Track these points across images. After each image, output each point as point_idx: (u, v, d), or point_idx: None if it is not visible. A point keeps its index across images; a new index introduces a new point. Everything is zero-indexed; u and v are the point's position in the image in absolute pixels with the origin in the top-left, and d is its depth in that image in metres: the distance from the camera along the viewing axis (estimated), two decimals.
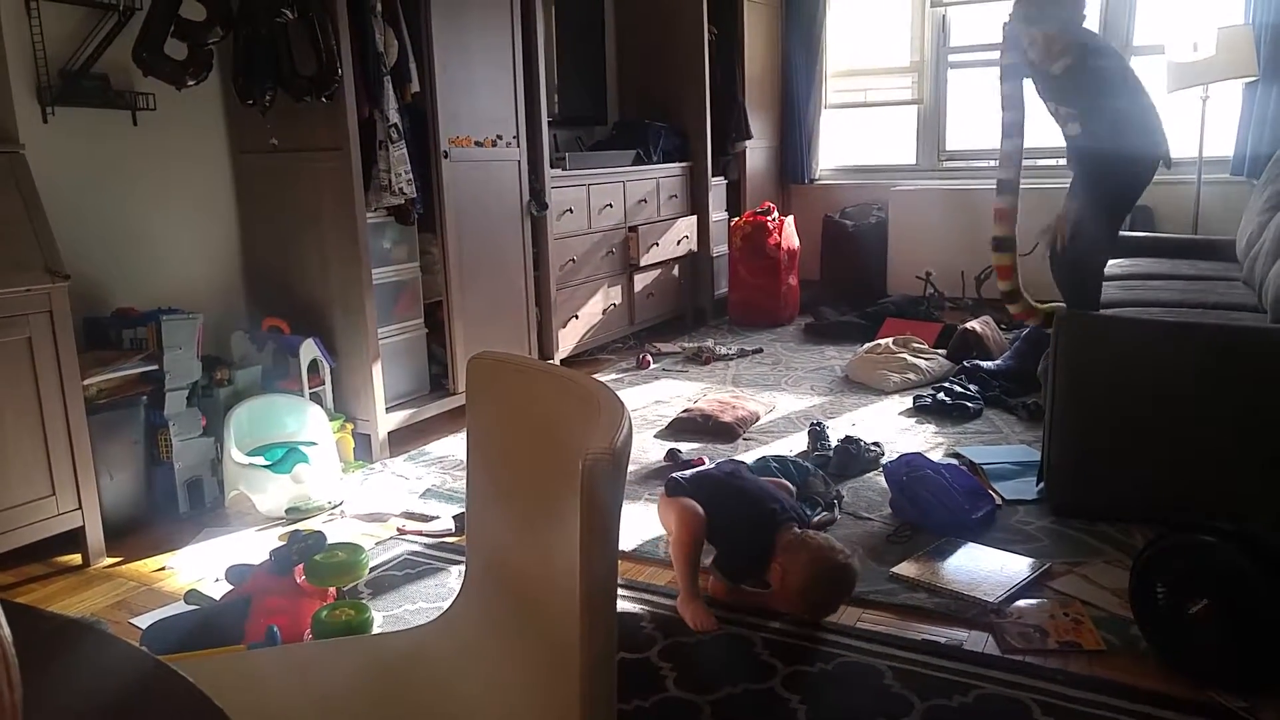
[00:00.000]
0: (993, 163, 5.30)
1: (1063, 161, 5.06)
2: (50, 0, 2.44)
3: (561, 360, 3.94)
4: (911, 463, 2.40)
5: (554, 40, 4.18)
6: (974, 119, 5.36)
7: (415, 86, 3.06)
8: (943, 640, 1.81)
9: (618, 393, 0.92)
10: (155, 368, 2.46)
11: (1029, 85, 2.76)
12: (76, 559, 2.26)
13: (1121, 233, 4.17)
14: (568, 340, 4.02)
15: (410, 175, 2.99)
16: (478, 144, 3.32)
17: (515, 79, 3.48)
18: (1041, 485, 2.44)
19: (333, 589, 1.97)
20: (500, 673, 1.01)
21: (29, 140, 2.21)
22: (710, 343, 4.37)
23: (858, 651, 1.77)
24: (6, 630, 0.45)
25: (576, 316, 4.08)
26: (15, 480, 2.09)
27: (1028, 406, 3.17)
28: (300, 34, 2.68)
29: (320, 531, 2.10)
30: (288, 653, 1.29)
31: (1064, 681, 1.65)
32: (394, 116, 2.93)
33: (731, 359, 4.18)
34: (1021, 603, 1.92)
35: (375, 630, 1.87)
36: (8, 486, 2.08)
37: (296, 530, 2.26)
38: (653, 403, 3.53)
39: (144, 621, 1.94)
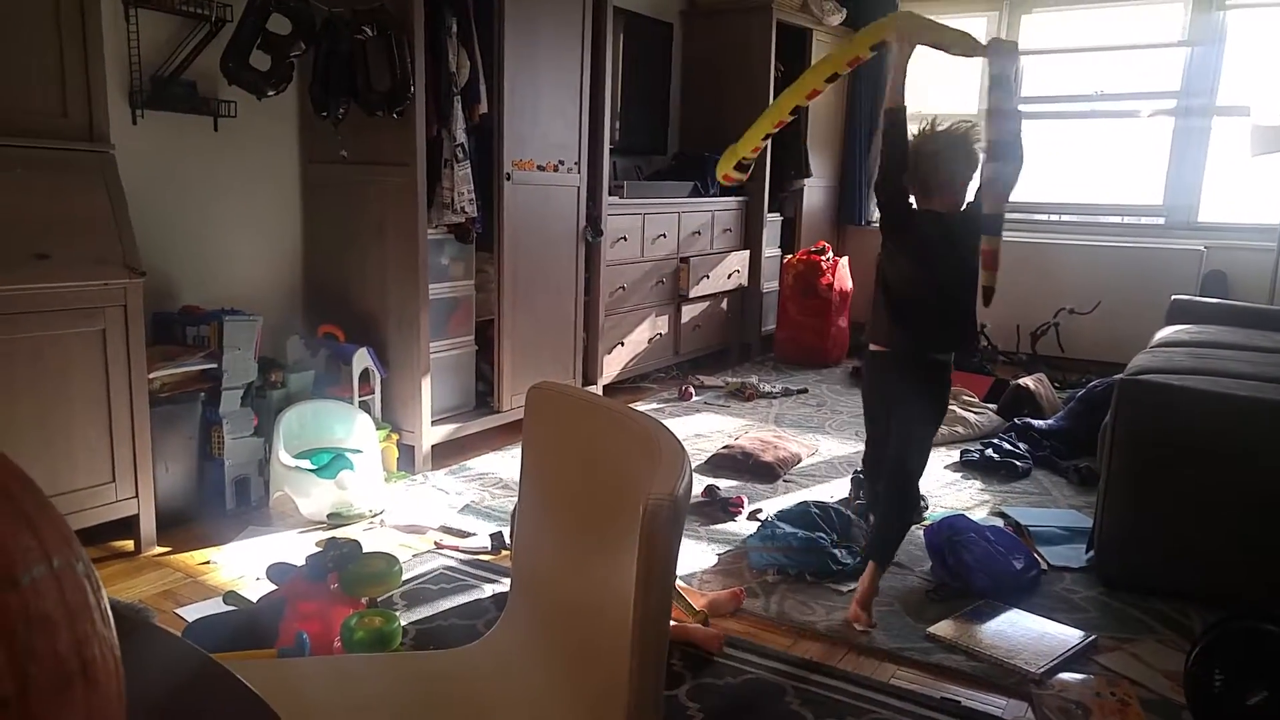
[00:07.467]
0: (1054, 216, 5.25)
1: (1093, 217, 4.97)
2: (148, 9, 2.55)
3: (604, 386, 3.95)
4: (954, 525, 2.34)
5: (620, 67, 4.23)
6: (1037, 170, 5.30)
7: (484, 107, 3.12)
8: (979, 706, 1.76)
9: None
10: (215, 366, 2.53)
11: None
12: (129, 545, 2.33)
13: (1193, 297, 3.86)
14: (612, 366, 4.03)
15: (473, 195, 3.04)
16: (540, 168, 3.37)
17: (581, 106, 3.53)
18: (1091, 554, 2.38)
19: (364, 598, 1.99)
20: (543, 702, 1.01)
21: (118, 140, 2.30)
22: (754, 379, 4.35)
23: (890, 710, 1.73)
24: (117, 651, 0.46)
25: (622, 343, 4.09)
26: (80, 465, 2.15)
27: (1079, 470, 3.09)
28: (378, 51, 2.76)
29: (356, 541, 2.12)
30: (329, 664, 1.30)
31: None
32: (461, 136, 2.99)
33: (775, 397, 4.15)
34: (1065, 675, 1.86)
35: (402, 641, 1.88)
36: (73, 470, 2.14)
37: (333, 538, 2.29)
38: (693, 436, 3.52)
39: (188, 613, 1.98)
